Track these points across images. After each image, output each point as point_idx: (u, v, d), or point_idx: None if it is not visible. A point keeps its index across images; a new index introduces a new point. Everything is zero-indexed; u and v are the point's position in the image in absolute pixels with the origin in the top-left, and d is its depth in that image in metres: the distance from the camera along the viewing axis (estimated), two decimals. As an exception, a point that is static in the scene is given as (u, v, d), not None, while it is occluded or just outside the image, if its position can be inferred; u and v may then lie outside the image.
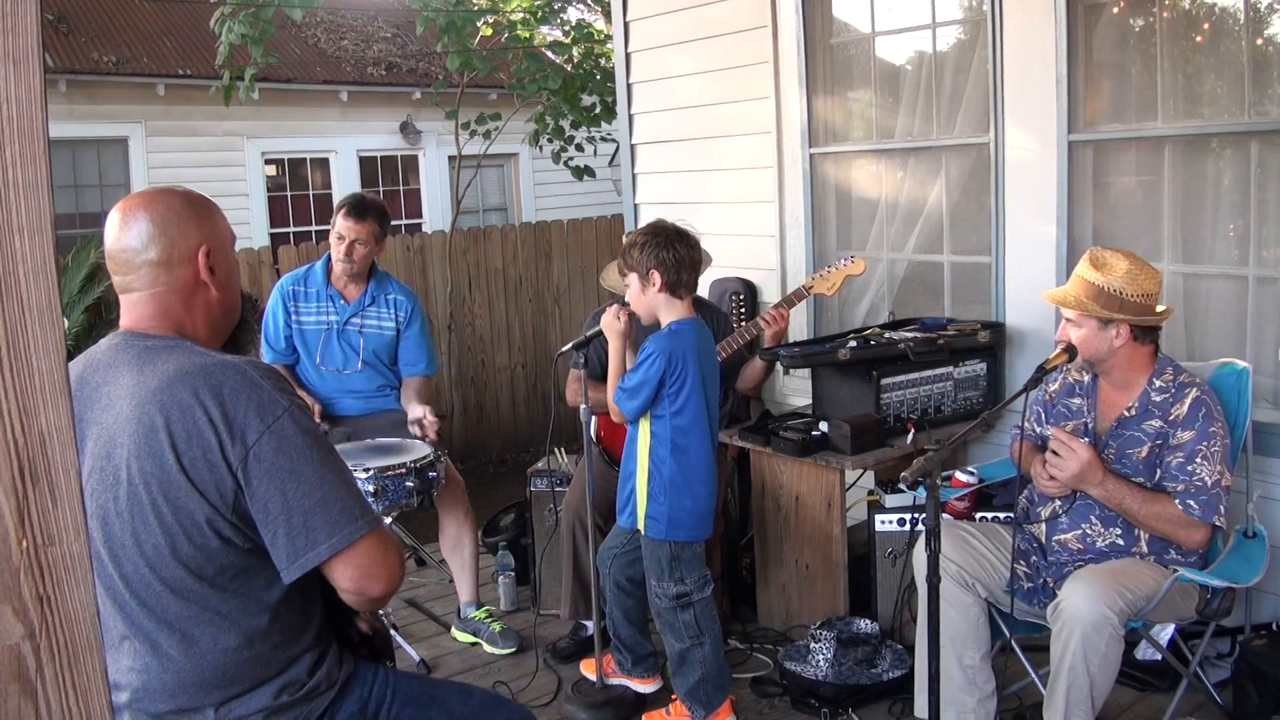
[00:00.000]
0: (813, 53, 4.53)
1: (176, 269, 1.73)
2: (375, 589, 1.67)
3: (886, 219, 4.48)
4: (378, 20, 12.28)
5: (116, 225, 1.73)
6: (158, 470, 1.58)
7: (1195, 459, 2.69)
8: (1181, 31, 3.54)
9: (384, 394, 4.09)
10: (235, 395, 1.61)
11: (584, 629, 3.80)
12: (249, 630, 1.67)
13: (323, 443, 1.68)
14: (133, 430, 1.60)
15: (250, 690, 1.70)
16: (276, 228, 10.60)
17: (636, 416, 3.06)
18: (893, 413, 3.68)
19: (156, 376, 1.63)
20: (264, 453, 1.59)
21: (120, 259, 1.72)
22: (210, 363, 1.66)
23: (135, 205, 1.75)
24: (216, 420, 1.58)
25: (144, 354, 1.67)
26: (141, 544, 1.61)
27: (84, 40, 9.74)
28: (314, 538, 1.61)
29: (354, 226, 3.90)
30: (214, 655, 1.66)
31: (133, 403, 1.62)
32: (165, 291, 1.72)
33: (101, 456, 1.62)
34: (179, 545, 1.60)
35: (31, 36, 0.71)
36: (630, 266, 3.06)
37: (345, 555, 1.63)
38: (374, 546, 1.65)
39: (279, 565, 1.63)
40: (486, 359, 7.72)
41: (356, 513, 1.65)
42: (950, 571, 2.84)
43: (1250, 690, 2.91)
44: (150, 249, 1.71)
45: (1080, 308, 2.77)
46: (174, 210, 1.75)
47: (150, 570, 1.62)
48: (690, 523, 3.06)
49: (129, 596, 1.64)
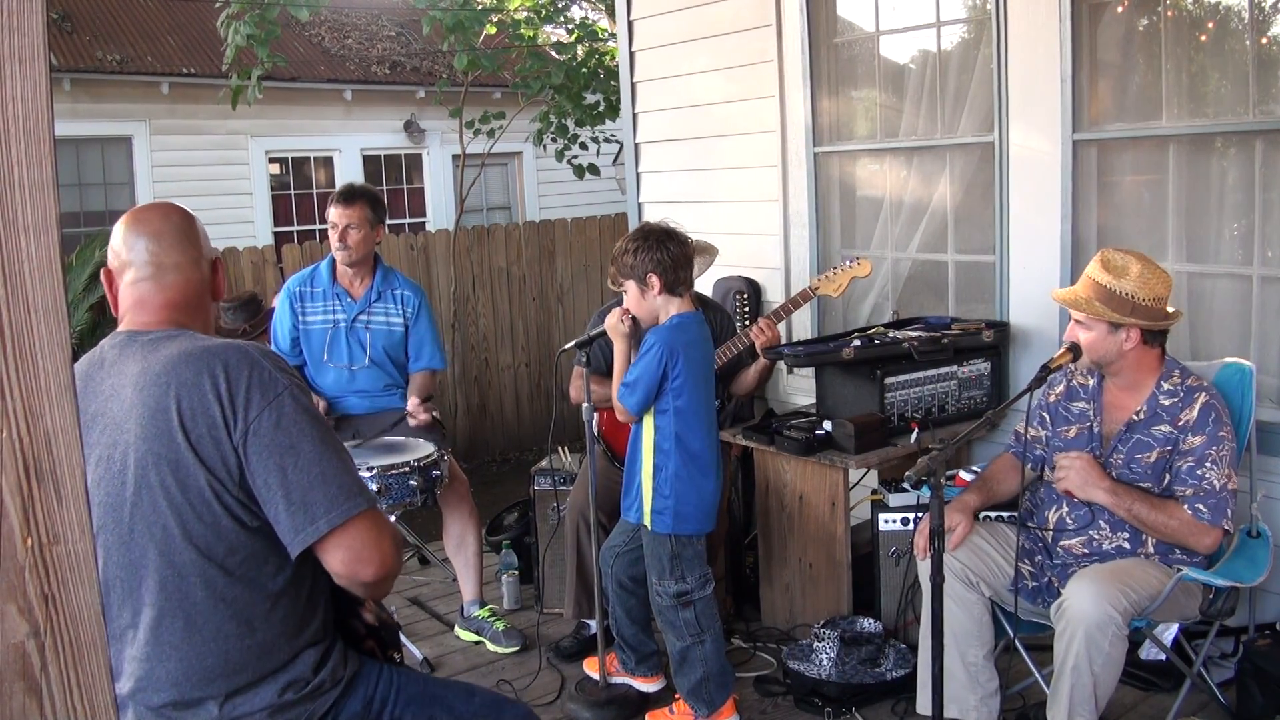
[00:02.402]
0: (817, 51, 4.52)
1: (204, 272, 1.85)
2: (366, 573, 1.67)
3: (891, 218, 4.48)
4: (382, 19, 12.29)
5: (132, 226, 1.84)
6: (166, 449, 1.62)
7: (1205, 463, 2.68)
8: (1186, 30, 3.54)
9: (390, 393, 4.10)
10: (238, 372, 1.65)
11: (587, 628, 3.80)
12: (251, 617, 1.69)
13: (321, 422, 1.72)
14: (139, 413, 1.63)
15: (254, 684, 1.70)
16: (280, 226, 10.60)
17: (640, 411, 3.06)
18: (897, 412, 3.67)
19: (160, 360, 1.68)
20: (264, 428, 1.63)
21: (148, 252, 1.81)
22: (213, 344, 1.72)
23: (159, 209, 1.89)
24: (221, 394, 1.63)
25: (147, 346, 1.73)
26: (151, 528, 1.63)
27: (88, 39, 9.76)
28: (313, 513, 1.63)
29: (344, 212, 3.91)
30: (217, 642, 1.67)
31: (138, 387, 1.66)
32: (189, 281, 1.82)
33: (108, 445, 1.66)
34: (189, 524, 1.63)
35: (37, 35, 0.71)
36: (626, 274, 3.04)
37: (338, 535, 1.64)
38: (368, 528, 1.67)
39: (284, 541, 1.66)
40: (490, 358, 7.72)
41: (354, 490, 1.67)
42: (955, 569, 2.84)
43: (1254, 690, 2.91)
44: (186, 242, 1.83)
45: (1091, 310, 2.75)
46: (191, 220, 1.89)
47: (159, 554, 1.64)
48: (696, 515, 3.07)
49: (136, 583, 1.66)
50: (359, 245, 3.95)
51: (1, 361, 0.70)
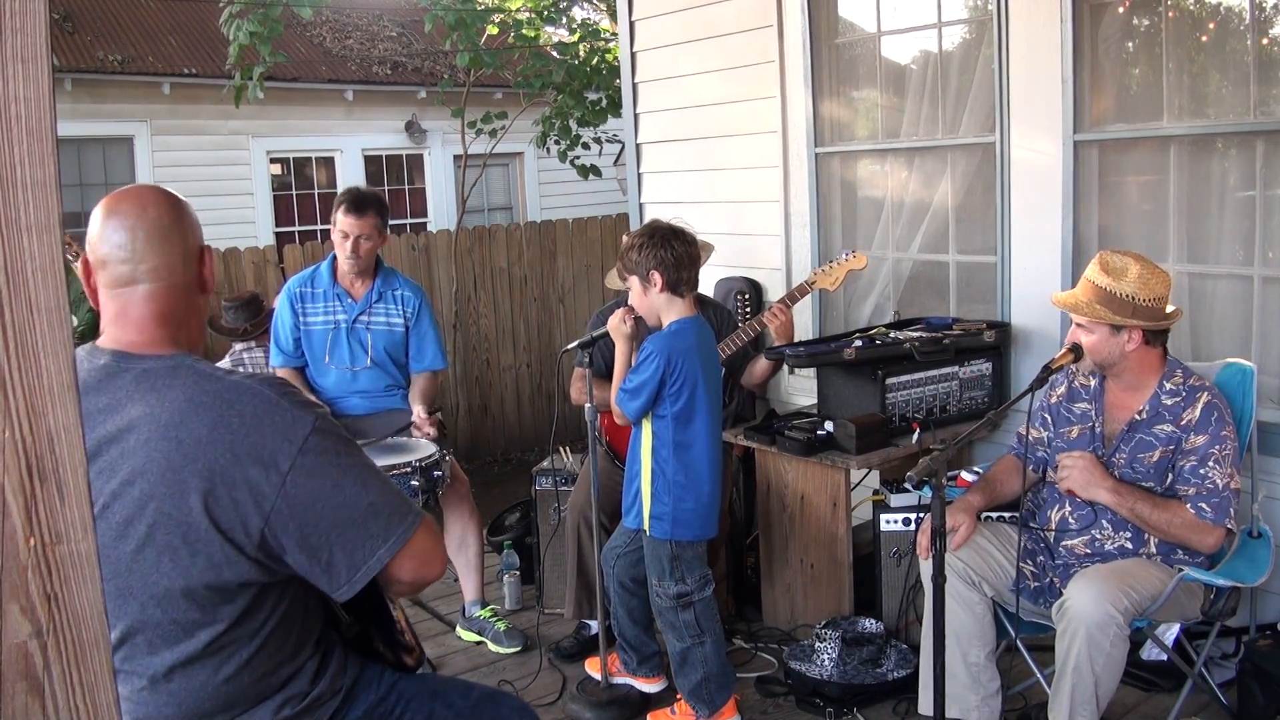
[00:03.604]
0: (818, 52, 4.52)
1: (191, 265, 1.65)
2: (433, 573, 1.67)
3: (892, 218, 4.48)
4: (383, 19, 12.29)
5: (108, 218, 1.61)
6: (177, 512, 1.50)
7: (1208, 462, 2.68)
8: (1187, 31, 3.54)
9: (391, 394, 4.09)
10: (258, 423, 1.52)
11: (588, 628, 3.80)
12: (250, 656, 1.62)
13: (353, 447, 1.64)
14: (149, 469, 1.51)
15: (249, 709, 1.66)
16: (281, 227, 10.61)
17: (639, 417, 3.06)
18: (898, 412, 3.67)
19: (167, 409, 1.53)
20: (299, 478, 1.53)
21: (126, 249, 1.59)
22: (222, 388, 1.56)
23: (136, 198, 1.65)
24: (242, 453, 1.50)
25: (142, 379, 1.56)
26: (152, 588, 1.54)
27: (90, 39, 9.76)
28: (372, 545, 1.57)
29: (356, 223, 3.89)
30: (213, 685, 1.61)
31: (142, 438, 1.52)
32: (179, 288, 1.63)
33: (111, 495, 1.52)
34: (194, 588, 1.54)
35: (40, 35, 0.71)
36: (630, 269, 3.05)
37: (403, 552, 1.60)
38: (424, 536, 1.64)
39: (333, 585, 1.59)
40: (491, 358, 7.72)
41: (405, 509, 1.63)
42: (956, 569, 2.84)
43: (1255, 690, 2.91)
44: (170, 239, 1.62)
45: (1092, 314, 2.75)
46: (176, 208, 1.66)
47: (161, 611, 1.55)
48: (695, 522, 3.06)
49: (132, 635, 1.58)
50: (369, 255, 3.95)
51: (4, 361, 0.70)
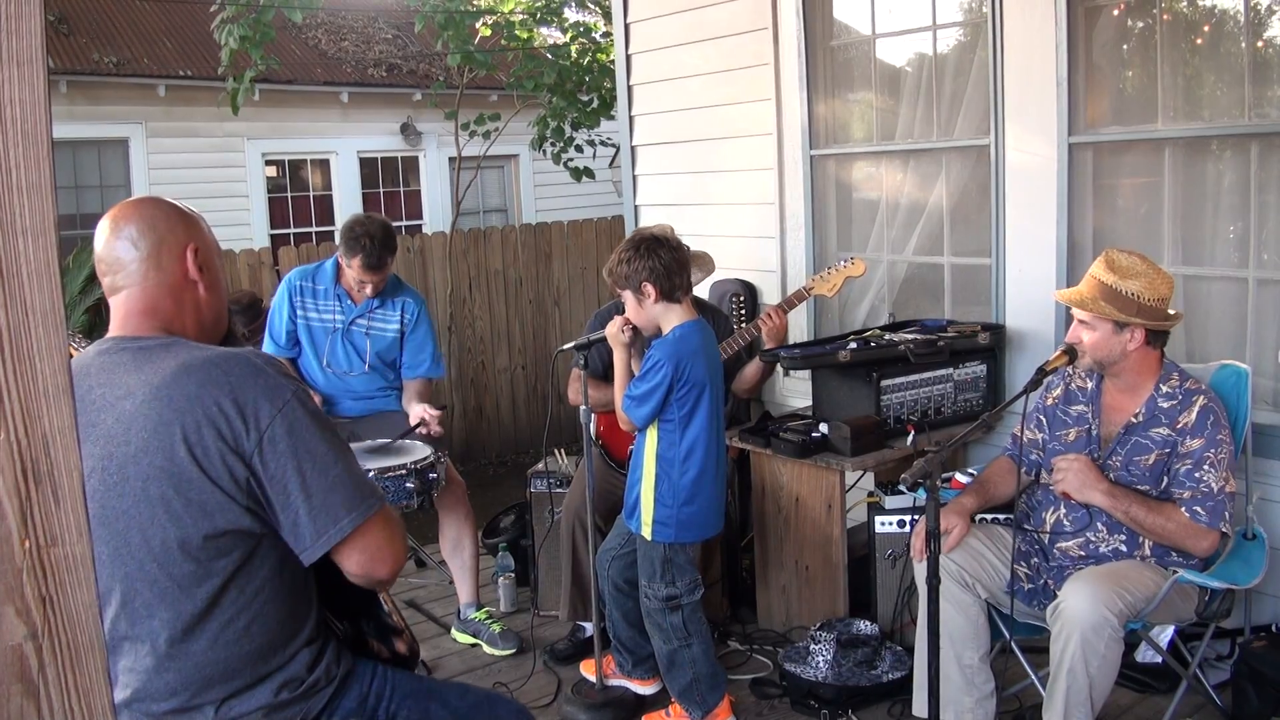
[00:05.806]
0: (813, 55, 4.53)
1: (166, 266, 1.76)
2: (382, 571, 1.71)
3: (887, 221, 4.48)
4: (378, 21, 12.28)
5: (107, 230, 1.76)
6: (168, 464, 1.59)
7: (1203, 466, 2.69)
8: (1182, 33, 3.55)
9: (385, 395, 4.09)
10: (242, 382, 1.63)
11: (583, 630, 3.80)
12: (249, 624, 1.69)
13: (328, 424, 1.72)
14: (139, 428, 1.61)
15: (250, 687, 1.71)
16: (277, 229, 10.59)
17: (646, 424, 3.05)
18: (893, 414, 3.68)
19: (159, 373, 1.64)
20: (277, 435, 1.62)
21: (109, 259, 1.75)
22: (212, 354, 1.68)
23: (123, 210, 1.79)
24: (226, 408, 1.60)
25: (139, 355, 1.69)
26: (150, 541, 1.62)
27: (85, 41, 9.75)
28: (335, 514, 1.65)
29: (375, 276, 3.89)
30: (215, 651, 1.67)
31: (136, 401, 1.62)
32: (154, 287, 1.75)
33: (103, 457, 1.62)
34: (189, 539, 1.62)
35: (35, 38, 0.71)
36: (621, 285, 3.04)
37: (357, 536, 1.67)
38: (383, 526, 1.70)
39: (300, 545, 1.66)
40: (486, 360, 7.73)
41: (369, 490, 1.70)
42: (951, 571, 2.84)
43: (1249, 692, 2.92)
44: (140, 245, 1.74)
45: (1097, 309, 2.75)
46: (161, 212, 1.79)
47: (158, 567, 1.63)
48: (700, 523, 3.08)
49: (132, 596, 1.65)
50: (379, 288, 3.98)
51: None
